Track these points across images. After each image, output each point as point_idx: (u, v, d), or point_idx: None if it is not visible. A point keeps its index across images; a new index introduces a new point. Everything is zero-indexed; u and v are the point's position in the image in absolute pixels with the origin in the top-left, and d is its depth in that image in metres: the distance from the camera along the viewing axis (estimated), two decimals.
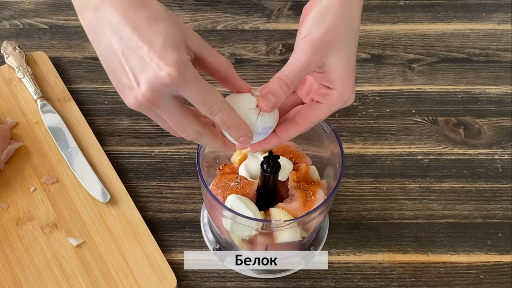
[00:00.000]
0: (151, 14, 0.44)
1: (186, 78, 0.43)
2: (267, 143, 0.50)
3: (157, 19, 0.44)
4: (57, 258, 0.64)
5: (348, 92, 0.50)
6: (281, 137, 0.50)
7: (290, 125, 0.50)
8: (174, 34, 0.43)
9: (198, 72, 0.45)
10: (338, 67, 0.49)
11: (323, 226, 0.67)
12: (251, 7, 0.90)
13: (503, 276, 0.64)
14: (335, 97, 0.50)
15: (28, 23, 0.87)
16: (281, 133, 0.50)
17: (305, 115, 0.50)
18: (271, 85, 0.47)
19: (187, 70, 0.43)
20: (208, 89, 0.44)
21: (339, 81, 0.49)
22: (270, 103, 0.47)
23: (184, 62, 0.43)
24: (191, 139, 0.47)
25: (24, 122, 0.75)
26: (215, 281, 0.64)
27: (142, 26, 0.43)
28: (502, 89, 0.80)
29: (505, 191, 0.71)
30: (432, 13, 0.89)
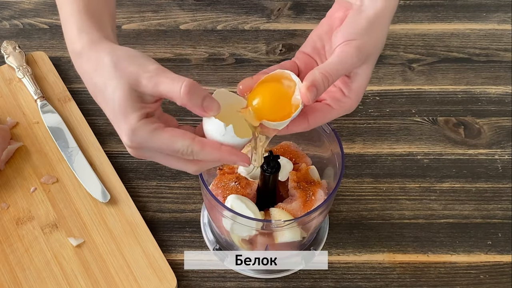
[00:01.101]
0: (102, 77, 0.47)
1: (141, 142, 0.46)
2: (296, 127, 0.50)
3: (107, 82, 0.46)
4: (57, 258, 0.64)
5: (357, 103, 0.51)
6: (289, 129, 0.50)
7: (302, 120, 0.50)
8: (120, 97, 0.46)
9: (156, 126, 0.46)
10: (362, 78, 0.50)
11: (323, 226, 0.67)
12: (251, 7, 0.90)
13: (503, 276, 0.64)
14: (347, 105, 0.51)
15: (28, 23, 0.87)
16: (290, 125, 0.50)
17: (315, 116, 0.50)
18: (316, 78, 0.47)
19: (139, 134, 0.45)
20: (169, 139, 0.45)
21: (356, 92, 0.50)
22: (314, 97, 0.47)
23: (133, 129, 0.45)
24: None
25: (24, 122, 0.75)
26: (215, 281, 0.64)
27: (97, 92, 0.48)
28: (502, 89, 0.80)
29: (505, 191, 0.71)
30: (432, 13, 0.89)
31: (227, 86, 0.80)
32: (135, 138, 0.46)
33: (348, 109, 0.51)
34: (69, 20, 0.51)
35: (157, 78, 0.45)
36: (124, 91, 0.46)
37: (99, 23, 0.51)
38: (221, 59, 0.84)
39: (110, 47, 0.48)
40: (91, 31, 0.50)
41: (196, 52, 0.84)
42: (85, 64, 0.49)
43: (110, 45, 0.49)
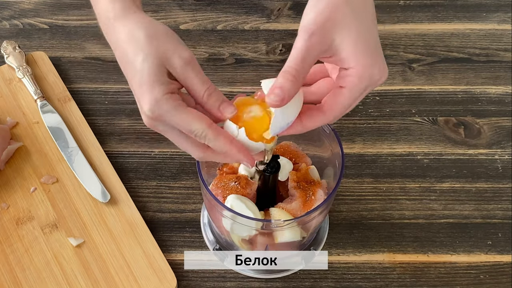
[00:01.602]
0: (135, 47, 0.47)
1: (161, 114, 0.47)
2: (292, 130, 0.49)
3: (138, 52, 0.47)
4: (57, 258, 0.64)
5: (369, 67, 0.47)
6: (305, 125, 0.49)
7: (316, 112, 0.49)
8: (150, 68, 0.47)
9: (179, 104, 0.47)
10: (347, 45, 0.46)
11: (323, 226, 0.67)
12: (251, 7, 0.90)
13: (503, 276, 0.64)
14: (354, 77, 0.47)
15: (28, 23, 0.87)
16: (306, 121, 0.49)
17: (329, 104, 0.48)
18: (276, 80, 0.46)
19: (162, 107, 0.46)
20: (188, 118, 0.47)
21: (353, 59, 0.47)
22: (277, 97, 0.45)
23: (157, 101, 0.46)
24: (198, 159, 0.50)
25: (24, 122, 0.75)
26: (215, 281, 0.64)
27: (126, 62, 0.48)
28: (502, 89, 0.80)
29: (505, 191, 0.71)
30: (432, 13, 0.89)
31: (227, 86, 0.80)
32: (157, 109, 0.47)
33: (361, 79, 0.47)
34: None
35: (188, 72, 0.47)
36: (155, 63, 0.47)
37: None
38: (221, 59, 0.84)
39: (146, 19, 0.49)
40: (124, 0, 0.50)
41: (196, 52, 0.84)
42: (119, 33, 0.49)
43: (145, 16, 0.49)
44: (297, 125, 0.49)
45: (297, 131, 0.49)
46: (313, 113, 0.49)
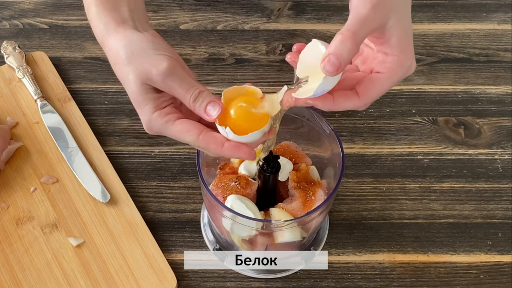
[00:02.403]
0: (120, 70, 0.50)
1: (157, 131, 0.50)
2: (320, 101, 0.47)
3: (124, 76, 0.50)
4: (57, 258, 0.64)
5: (409, 58, 0.47)
6: (336, 103, 0.47)
7: (350, 94, 0.47)
8: (134, 91, 0.49)
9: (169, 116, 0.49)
10: (398, 31, 0.46)
11: (323, 226, 0.67)
12: (251, 7, 0.90)
13: (503, 276, 0.64)
14: (396, 64, 0.46)
15: (28, 23, 0.87)
16: (338, 99, 0.47)
17: (365, 87, 0.47)
18: (332, 44, 0.44)
19: (155, 124, 0.49)
20: (179, 133, 0.49)
21: (399, 46, 0.46)
22: (333, 66, 0.43)
23: (149, 119, 0.49)
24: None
25: (24, 122, 0.75)
26: (215, 281, 0.64)
27: (121, 81, 0.51)
28: (502, 89, 0.80)
29: (505, 191, 0.71)
30: (432, 13, 0.89)
31: (227, 86, 0.80)
32: (152, 127, 0.50)
33: (401, 67, 0.47)
34: (90, 5, 0.54)
35: (169, 83, 0.48)
36: (137, 85, 0.49)
37: (115, 7, 0.52)
38: (221, 59, 0.84)
39: (125, 38, 0.50)
40: (106, 17, 0.52)
41: (196, 52, 0.84)
42: (108, 53, 0.52)
43: (124, 34, 0.50)
44: (328, 100, 0.47)
45: (326, 106, 0.47)
46: (347, 94, 0.47)
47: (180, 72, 0.49)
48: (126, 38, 0.50)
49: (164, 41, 0.52)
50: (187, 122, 0.49)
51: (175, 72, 0.48)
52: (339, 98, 0.47)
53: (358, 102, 0.47)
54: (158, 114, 0.49)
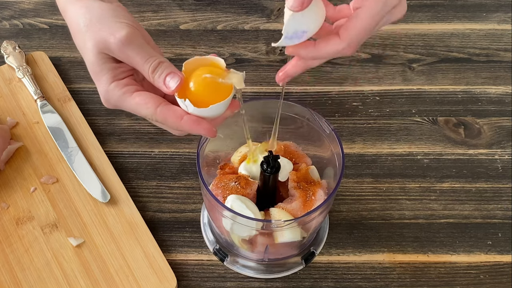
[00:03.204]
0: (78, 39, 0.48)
1: (114, 104, 0.48)
2: (302, 48, 0.46)
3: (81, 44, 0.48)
4: (57, 258, 0.64)
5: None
6: (318, 47, 0.45)
7: (331, 37, 0.45)
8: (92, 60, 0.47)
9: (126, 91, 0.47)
10: None
11: (323, 226, 0.67)
12: (251, 7, 0.90)
13: (503, 276, 0.64)
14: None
15: (28, 23, 0.87)
16: (319, 44, 0.45)
17: (345, 26, 0.45)
18: None
19: (111, 95, 0.48)
20: (135, 105, 0.47)
21: None
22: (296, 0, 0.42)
23: (106, 90, 0.47)
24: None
25: (24, 122, 0.75)
26: (215, 281, 0.64)
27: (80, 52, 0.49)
28: (502, 89, 0.80)
29: (505, 191, 0.71)
30: (432, 13, 0.89)
31: None
32: (109, 99, 0.48)
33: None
34: None
35: (127, 52, 0.46)
36: (94, 53, 0.47)
37: None
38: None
39: (85, 6, 0.48)
40: None
41: (196, 52, 0.84)
42: (68, 23, 0.50)
43: (85, 3, 0.49)
44: (309, 46, 0.45)
45: (308, 52, 0.46)
46: (328, 37, 0.46)
47: (139, 41, 0.47)
48: (86, 6, 0.48)
49: (128, 12, 0.50)
50: (146, 94, 0.47)
51: (133, 41, 0.46)
52: (320, 43, 0.46)
53: (340, 42, 0.45)
54: (115, 85, 0.47)
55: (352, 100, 0.79)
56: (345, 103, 0.78)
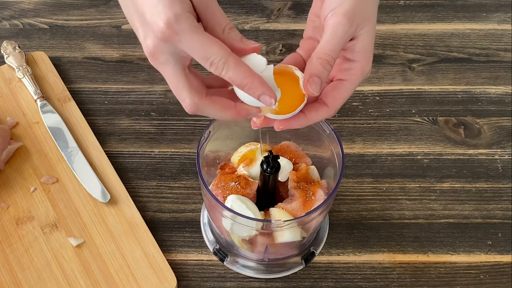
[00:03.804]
0: None
1: (179, 31, 0.42)
2: (295, 122, 0.48)
3: None
4: (57, 258, 0.64)
5: (369, 64, 0.49)
6: (309, 118, 0.48)
7: (319, 106, 0.48)
8: None
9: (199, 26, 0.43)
10: (366, 38, 0.48)
11: (323, 226, 0.67)
12: (251, 7, 0.90)
13: (503, 276, 0.64)
14: (358, 70, 0.48)
15: (28, 23, 0.87)
16: (310, 114, 0.48)
17: (332, 96, 0.48)
18: (314, 67, 0.46)
19: (180, 24, 0.42)
20: (208, 42, 0.43)
21: (363, 53, 0.48)
22: (317, 86, 0.45)
23: (176, 16, 0.42)
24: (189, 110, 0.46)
25: (24, 122, 0.75)
26: (215, 281, 0.64)
27: None
28: (502, 89, 0.80)
29: (505, 191, 0.71)
30: (432, 13, 0.89)
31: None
32: (176, 25, 0.42)
33: (362, 73, 0.48)
34: None
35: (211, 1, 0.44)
36: None
37: None
38: None
39: None
40: None
41: None
42: None
43: None
44: (301, 117, 0.48)
45: (300, 123, 0.48)
46: (316, 106, 0.48)
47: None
48: None
49: None
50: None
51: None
52: (310, 113, 0.48)
53: (328, 111, 0.49)
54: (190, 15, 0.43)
55: (352, 100, 0.79)
56: (345, 103, 0.78)
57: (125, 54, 0.83)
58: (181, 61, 0.45)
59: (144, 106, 0.77)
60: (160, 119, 0.76)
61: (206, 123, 0.74)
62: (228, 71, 0.43)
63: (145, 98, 0.78)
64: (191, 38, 0.42)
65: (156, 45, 0.43)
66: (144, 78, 0.81)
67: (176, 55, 0.44)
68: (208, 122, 0.69)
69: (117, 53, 0.84)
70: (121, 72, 0.81)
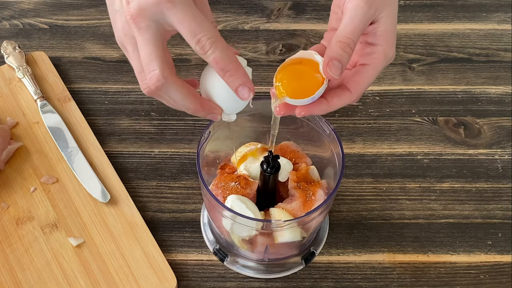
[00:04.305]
0: None
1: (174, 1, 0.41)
2: (316, 108, 0.47)
3: None
4: (57, 258, 0.64)
5: (392, 48, 0.48)
6: (331, 103, 0.47)
7: (341, 91, 0.47)
8: None
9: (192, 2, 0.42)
10: (386, 22, 0.47)
11: (323, 226, 0.67)
12: (251, 7, 0.90)
13: (503, 276, 0.64)
14: (381, 54, 0.48)
15: (28, 23, 0.87)
16: (332, 99, 0.47)
17: (355, 81, 0.47)
18: (333, 51, 0.45)
19: None
20: (200, 18, 0.42)
21: (384, 37, 0.47)
22: (338, 70, 0.44)
23: None
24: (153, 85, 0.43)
25: (24, 122, 0.75)
26: (215, 281, 0.64)
27: None
28: (502, 89, 0.80)
29: (505, 191, 0.71)
30: (432, 13, 0.89)
31: None
32: None
33: (385, 57, 0.48)
34: None
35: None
36: None
37: None
38: None
39: None
40: None
41: (196, 52, 0.84)
42: None
43: None
44: (323, 103, 0.47)
45: (322, 110, 0.47)
46: (339, 92, 0.48)
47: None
48: None
49: None
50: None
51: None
52: (332, 99, 0.47)
53: (351, 96, 0.48)
54: None
55: None
56: None
57: None
58: (161, 32, 0.43)
59: (144, 106, 0.77)
60: (160, 119, 0.76)
61: (206, 123, 0.74)
62: (215, 51, 0.42)
63: (145, 98, 0.78)
64: (184, 9, 0.42)
65: (142, 8, 0.42)
66: None
67: (159, 24, 0.43)
68: (208, 122, 0.69)
69: (117, 53, 0.84)
70: (121, 72, 0.81)
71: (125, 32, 0.44)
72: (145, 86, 0.44)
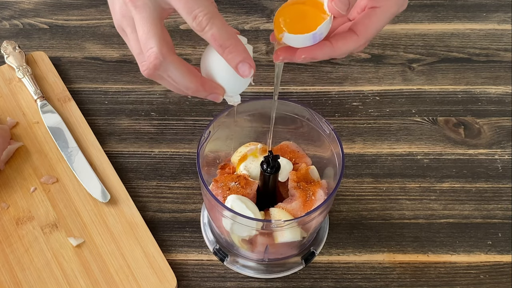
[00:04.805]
0: None
1: None
2: (319, 51, 0.44)
3: None
4: (57, 258, 0.64)
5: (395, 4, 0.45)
6: (336, 47, 0.44)
7: (347, 34, 0.44)
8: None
9: None
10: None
11: (323, 226, 0.67)
12: (251, 7, 0.90)
13: (503, 276, 0.64)
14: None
15: (28, 23, 0.87)
16: (336, 42, 0.44)
17: (363, 24, 0.44)
18: None
19: None
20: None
21: None
22: (344, 4, 0.41)
23: None
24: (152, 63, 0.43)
25: (24, 122, 0.75)
26: (215, 281, 0.64)
27: None
28: (502, 89, 0.80)
29: (505, 191, 0.71)
30: (432, 13, 0.89)
31: None
32: None
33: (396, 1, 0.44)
34: None
35: None
36: None
37: None
38: None
39: None
40: None
41: (196, 52, 0.84)
42: None
43: None
44: (326, 46, 0.44)
45: (325, 53, 0.44)
46: (345, 35, 0.45)
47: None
48: None
49: None
50: None
51: None
52: (337, 42, 0.44)
53: (358, 40, 0.45)
54: None
55: (352, 100, 0.79)
56: (345, 103, 0.78)
57: (125, 54, 0.83)
58: (159, 10, 0.43)
59: (144, 106, 0.77)
60: (160, 119, 0.76)
61: (206, 123, 0.74)
62: (212, 27, 0.41)
63: (145, 98, 0.78)
64: None
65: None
66: (144, 78, 0.80)
67: (156, 2, 0.42)
68: (208, 122, 0.69)
69: (117, 53, 0.84)
70: (121, 72, 0.81)
71: (122, 14, 0.43)
72: (144, 67, 0.43)
